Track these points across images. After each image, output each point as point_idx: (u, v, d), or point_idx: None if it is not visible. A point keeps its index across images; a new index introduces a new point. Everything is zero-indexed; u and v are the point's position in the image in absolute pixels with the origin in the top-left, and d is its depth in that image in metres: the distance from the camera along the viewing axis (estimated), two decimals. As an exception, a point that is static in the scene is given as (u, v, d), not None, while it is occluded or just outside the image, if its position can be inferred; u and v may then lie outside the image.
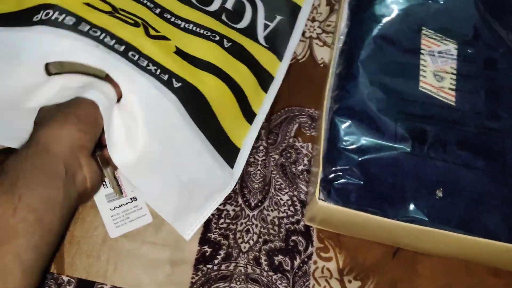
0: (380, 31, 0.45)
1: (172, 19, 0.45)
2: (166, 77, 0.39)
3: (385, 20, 0.46)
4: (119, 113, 0.38)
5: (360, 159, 0.40)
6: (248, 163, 0.45)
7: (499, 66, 0.44)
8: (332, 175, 0.40)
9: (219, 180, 0.42)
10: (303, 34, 0.52)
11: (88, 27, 0.38)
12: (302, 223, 0.43)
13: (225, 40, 0.46)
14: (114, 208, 0.43)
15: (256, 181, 0.44)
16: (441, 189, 0.39)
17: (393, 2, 0.47)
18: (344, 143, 0.41)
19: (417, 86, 0.43)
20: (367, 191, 0.39)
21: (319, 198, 0.39)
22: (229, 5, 0.50)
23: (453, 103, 0.43)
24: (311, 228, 0.43)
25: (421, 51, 0.45)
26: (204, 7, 0.48)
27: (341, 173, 0.39)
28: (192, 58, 0.43)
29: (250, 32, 0.49)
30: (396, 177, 0.40)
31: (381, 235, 0.43)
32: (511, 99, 0.43)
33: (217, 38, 0.45)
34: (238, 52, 0.46)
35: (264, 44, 0.49)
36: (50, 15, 0.37)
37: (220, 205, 0.43)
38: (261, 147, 0.46)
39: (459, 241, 0.38)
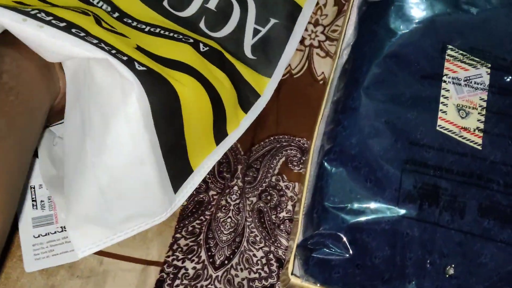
0: (394, 48, 0.36)
1: (134, 24, 0.37)
2: (125, 58, 0.30)
3: (400, 34, 0.36)
4: None
5: (350, 222, 0.31)
6: (218, 207, 0.37)
7: (544, 102, 0.34)
8: (311, 241, 0.31)
9: (153, 202, 0.34)
10: (302, 41, 0.43)
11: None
12: (276, 289, 0.35)
13: (201, 44, 0.37)
14: (39, 236, 0.36)
15: (225, 232, 0.36)
16: (453, 265, 0.31)
17: (413, 11, 0.37)
18: (332, 198, 0.32)
19: (434, 125, 0.34)
20: (356, 266, 0.31)
21: (291, 273, 0.31)
22: (212, 4, 0.41)
23: (479, 147, 0.33)
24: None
25: (444, 77, 0.35)
26: (177, 13, 0.39)
27: (323, 240, 0.31)
28: (161, 58, 0.34)
29: (234, 41, 0.40)
30: (395, 249, 0.31)
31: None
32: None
33: (191, 41, 0.37)
34: (217, 59, 0.37)
35: (250, 56, 0.40)
36: None
37: (179, 260, 0.35)
38: (236, 188, 0.37)
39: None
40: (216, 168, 0.38)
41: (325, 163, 0.33)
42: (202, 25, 0.40)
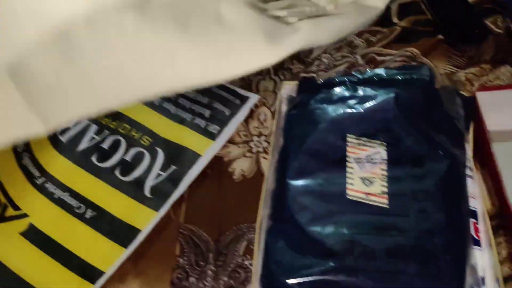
0: (308, 146, 0.48)
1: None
2: None
3: (313, 134, 0.48)
4: None
5: (288, 283, 0.41)
6: (195, 290, 0.46)
7: (426, 164, 0.45)
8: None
9: None
10: (250, 150, 0.55)
11: None
12: None
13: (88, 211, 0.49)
14: None
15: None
16: (376, 301, 0.40)
17: (321, 116, 0.49)
18: (274, 265, 0.42)
19: (345, 195, 0.44)
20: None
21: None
22: (128, 156, 0.53)
23: (386, 206, 0.44)
24: None
25: (347, 158, 0.46)
26: (98, 163, 0.52)
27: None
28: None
29: (137, 184, 0.51)
30: (328, 294, 0.40)
31: None
32: (439, 195, 0.43)
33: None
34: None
35: (148, 195, 0.50)
36: None
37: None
38: (209, 271, 0.47)
39: None
40: (193, 259, 0.49)
41: (268, 239, 0.44)
42: (116, 172, 0.52)
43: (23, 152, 0.53)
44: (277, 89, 0.59)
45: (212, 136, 0.53)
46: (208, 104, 0.56)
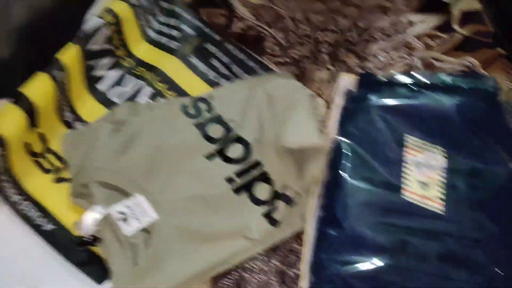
0: (365, 141, 0.48)
1: None
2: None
3: (369, 130, 0.48)
4: None
5: (339, 270, 0.41)
6: (243, 270, 0.46)
7: (485, 175, 0.45)
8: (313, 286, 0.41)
9: None
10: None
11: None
12: None
13: None
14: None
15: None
16: (422, 301, 0.40)
17: (379, 113, 0.49)
18: (325, 253, 0.43)
19: (400, 195, 0.45)
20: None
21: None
22: None
23: (441, 212, 0.44)
24: None
25: (404, 159, 0.47)
26: None
27: (321, 284, 0.41)
28: None
29: None
30: (377, 289, 0.41)
31: None
32: (494, 208, 0.43)
33: None
34: None
35: None
36: None
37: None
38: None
39: None
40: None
41: (321, 228, 0.44)
42: None
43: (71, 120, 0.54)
44: (331, 80, 0.59)
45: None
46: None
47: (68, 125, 0.52)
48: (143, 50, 0.59)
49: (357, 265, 0.42)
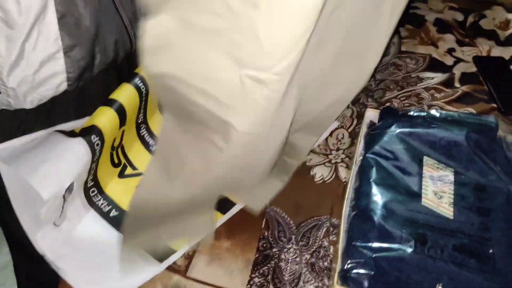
0: (388, 159, 0.57)
1: None
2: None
3: (392, 151, 0.58)
4: None
5: (371, 255, 0.49)
6: (279, 259, 0.54)
7: (488, 190, 0.54)
8: (348, 266, 0.49)
9: None
10: (330, 160, 0.65)
11: None
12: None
13: None
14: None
15: (286, 275, 0.53)
16: (441, 283, 0.47)
17: (400, 137, 0.59)
18: (359, 241, 0.50)
19: (420, 201, 0.53)
20: (377, 281, 0.47)
21: (337, 283, 0.48)
22: None
23: (450, 216, 0.52)
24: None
25: (423, 174, 0.56)
26: None
27: (355, 265, 0.48)
28: None
29: None
30: (402, 272, 0.48)
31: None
32: (499, 215, 0.52)
33: None
34: None
35: None
36: None
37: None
38: (292, 249, 0.55)
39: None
40: (276, 235, 0.56)
41: (353, 222, 0.52)
42: None
43: (141, 124, 0.63)
44: (353, 116, 0.70)
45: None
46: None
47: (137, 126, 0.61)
48: None
49: (386, 252, 0.49)
